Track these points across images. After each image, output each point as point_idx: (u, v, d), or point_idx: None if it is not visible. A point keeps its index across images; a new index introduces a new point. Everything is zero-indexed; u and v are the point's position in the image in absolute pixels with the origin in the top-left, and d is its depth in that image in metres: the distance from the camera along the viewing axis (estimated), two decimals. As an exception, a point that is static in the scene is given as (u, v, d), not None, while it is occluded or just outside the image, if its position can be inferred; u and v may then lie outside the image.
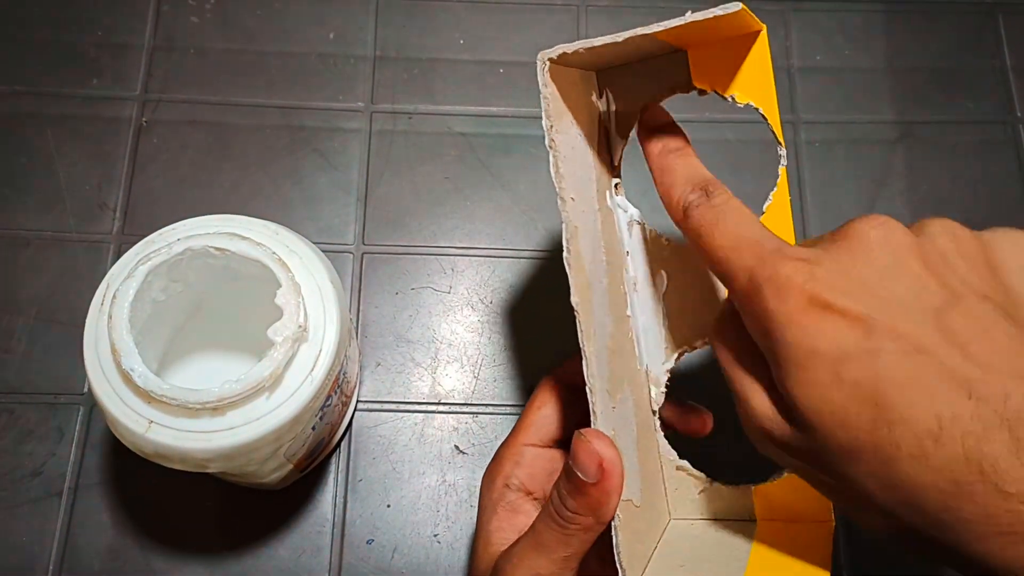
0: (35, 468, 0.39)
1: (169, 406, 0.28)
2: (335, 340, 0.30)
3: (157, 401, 0.28)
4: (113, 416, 0.29)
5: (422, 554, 0.39)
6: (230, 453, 0.29)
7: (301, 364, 0.29)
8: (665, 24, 0.27)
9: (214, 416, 0.28)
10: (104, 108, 0.46)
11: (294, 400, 0.29)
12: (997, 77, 0.49)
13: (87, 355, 0.29)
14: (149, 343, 0.33)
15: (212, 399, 0.28)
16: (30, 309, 0.42)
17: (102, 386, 0.29)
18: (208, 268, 0.31)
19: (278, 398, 0.29)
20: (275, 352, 0.28)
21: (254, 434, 0.28)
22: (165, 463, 0.29)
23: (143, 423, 0.28)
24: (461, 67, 0.48)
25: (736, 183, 0.46)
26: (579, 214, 0.29)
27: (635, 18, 0.49)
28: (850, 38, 0.49)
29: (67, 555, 0.38)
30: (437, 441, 0.41)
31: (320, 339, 0.30)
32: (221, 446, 0.28)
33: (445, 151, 0.46)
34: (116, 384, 0.29)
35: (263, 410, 0.29)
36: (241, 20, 0.48)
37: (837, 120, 0.48)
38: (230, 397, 0.28)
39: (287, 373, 0.29)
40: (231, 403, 0.28)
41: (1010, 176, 0.47)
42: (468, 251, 0.44)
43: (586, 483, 0.26)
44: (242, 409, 0.28)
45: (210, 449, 0.28)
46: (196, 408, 0.28)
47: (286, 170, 0.45)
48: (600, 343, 0.29)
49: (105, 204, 0.44)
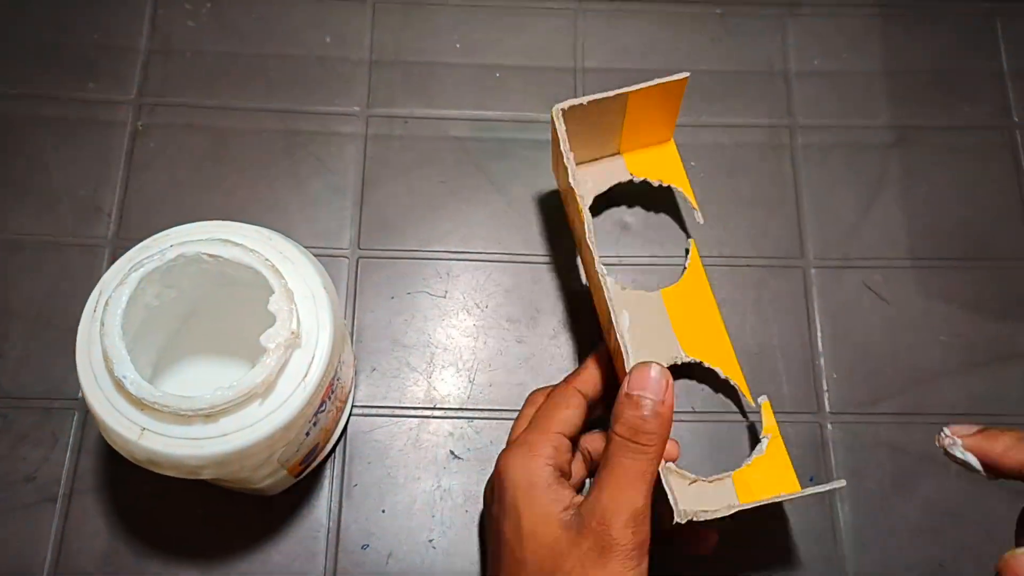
0: (29, 473, 0.39)
1: (161, 413, 0.28)
2: (328, 346, 0.30)
3: (149, 408, 0.28)
4: (105, 423, 0.29)
5: (417, 560, 0.39)
6: (223, 460, 0.29)
7: (294, 371, 0.29)
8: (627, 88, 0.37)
9: (207, 423, 0.28)
10: (100, 111, 0.46)
11: (287, 407, 0.29)
12: (994, 81, 0.49)
13: (80, 361, 0.29)
14: (142, 349, 0.33)
15: (205, 406, 0.28)
16: (25, 313, 0.42)
17: (94, 393, 0.29)
18: (202, 273, 0.31)
19: (271, 405, 0.29)
20: (268, 359, 0.28)
21: (247, 441, 0.28)
22: (157, 470, 0.29)
23: (135, 430, 0.28)
24: (457, 71, 0.48)
25: (733, 187, 0.46)
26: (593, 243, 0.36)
27: (631, 21, 0.49)
28: (847, 42, 0.49)
29: (61, 560, 0.38)
30: (432, 446, 0.41)
31: (313, 345, 0.30)
32: (214, 453, 0.28)
33: (441, 155, 0.46)
34: (108, 391, 0.28)
35: (256, 417, 0.29)
36: (237, 24, 0.48)
37: (834, 124, 0.48)
38: (222, 404, 0.28)
39: (280, 380, 0.29)
40: (223, 410, 0.28)
41: (1007, 180, 0.47)
42: (464, 255, 0.44)
43: (657, 403, 0.30)
44: (235, 416, 0.28)
45: (203, 456, 0.28)
46: (188, 415, 0.28)
47: (282, 174, 0.45)
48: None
49: (101, 208, 0.44)
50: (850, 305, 0.43)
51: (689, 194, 0.42)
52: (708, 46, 0.49)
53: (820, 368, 0.42)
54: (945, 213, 0.46)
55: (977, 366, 0.43)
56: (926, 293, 0.44)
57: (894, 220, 0.46)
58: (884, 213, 0.46)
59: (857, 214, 0.46)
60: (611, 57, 0.48)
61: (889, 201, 0.46)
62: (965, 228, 0.46)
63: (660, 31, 0.49)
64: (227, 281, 0.32)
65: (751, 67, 0.48)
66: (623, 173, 0.43)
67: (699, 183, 0.45)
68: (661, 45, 0.49)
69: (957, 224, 0.46)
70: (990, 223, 0.46)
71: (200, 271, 0.31)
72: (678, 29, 0.49)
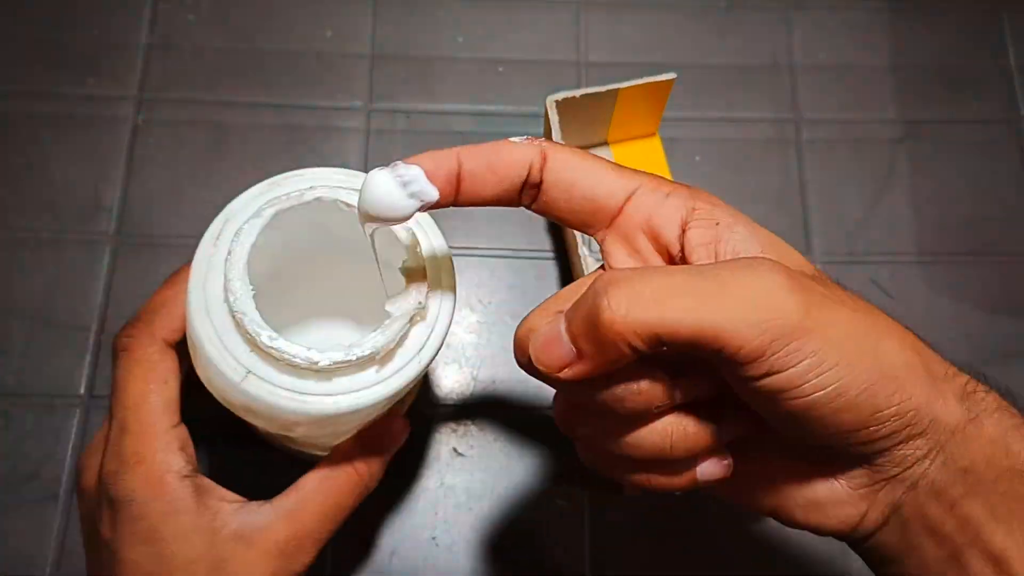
0: (32, 470, 0.39)
1: (273, 359, 0.26)
2: (446, 324, 0.29)
3: (262, 352, 0.26)
4: (209, 359, 0.27)
5: (420, 557, 0.39)
6: (323, 420, 0.27)
7: (412, 343, 0.28)
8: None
9: (319, 379, 0.27)
10: (101, 107, 0.45)
11: (399, 376, 0.28)
12: (1001, 75, 0.48)
13: (192, 292, 0.27)
14: None
15: (325, 361, 0.26)
16: (27, 310, 0.41)
17: (204, 327, 0.27)
18: (310, 227, 0.30)
19: (385, 372, 0.27)
20: (391, 325, 0.27)
21: (354, 404, 0.27)
22: (250, 418, 0.28)
23: (241, 371, 0.26)
24: (459, 65, 0.47)
25: (738, 182, 0.46)
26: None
27: (634, 15, 0.49)
28: (853, 36, 0.49)
29: (64, 557, 0.38)
30: (435, 443, 0.41)
31: (434, 320, 0.29)
32: (318, 411, 0.27)
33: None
34: (220, 326, 0.27)
35: (368, 382, 0.27)
36: (238, 19, 0.48)
37: (840, 119, 0.47)
38: (343, 363, 0.26)
39: (398, 350, 0.28)
40: (341, 369, 0.27)
41: (1013, 174, 0.46)
42: (467, 252, 0.44)
43: None
44: (348, 378, 0.27)
45: (305, 412, 0.27)
46: (304, 367, 0.26)
47: (284, 169, 0.44)
48: None
49: (101, 204, 0.44)
50: (856, 301, 0.43)
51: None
52: (712, 40, 0.48)
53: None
54: (952, 208, 0.46)
55: (985, 362, 0.42)
56: (933, 289, 0.44)
57: (900, 215, 0.45)
58: (890, 208, 0.45)
59: (863, 209, 0.45)
60: (614, 51, 0.48)
61: (895, 196, 0.46)
62: (972, 223, 0.45)
63: (663, 25, 0.49)
64: (328, 243, 0.30)
65: (756, 61, 0.48)
66: None
67: (704, 178, 0.45)
68: (664, 39, 0.48)
69: (964, 219, 0.46)
70: (997, 218, 0.46)
71: (310, 224, 0.29)
72: (682, 23, 0.49)
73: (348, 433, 0.31)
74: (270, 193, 0.29)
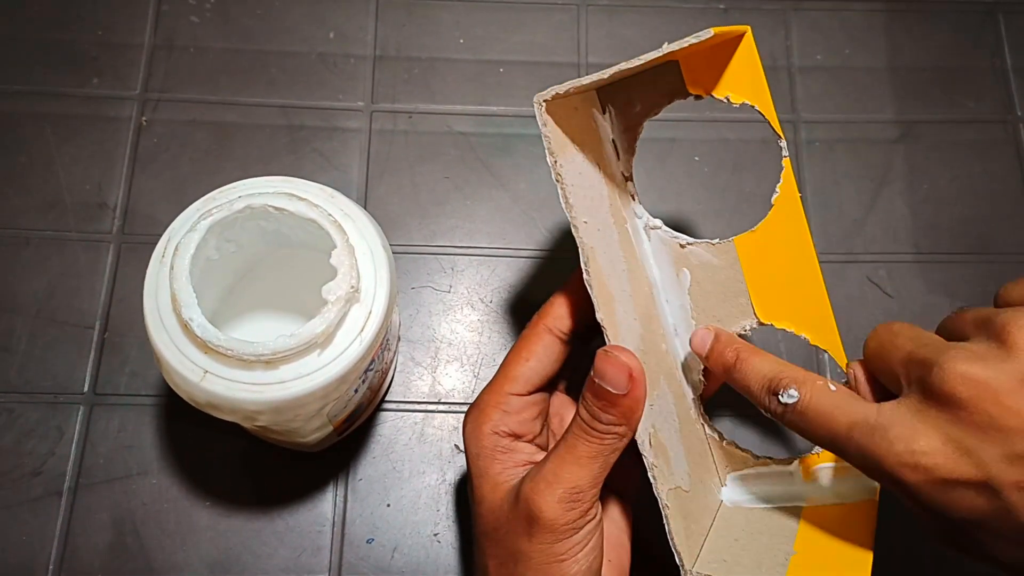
0: (35, 467, 0.39)
1: (224, 357, 0.29)
2: (385, 303, 0.31)
3: (213, 351, 0.29)
4: (169, 364, 0.29)
5: (422, 553, 0.39)
6: (279, 406, 0.29)
7: (351, 325, 0.30)
8: (644, 57, 0.30)
9: (267, 369, 0.29)
10: (104, 107, 0.46)
11: (343, 358, 0.30)
12: (997, 76, 0.49)
13: (147, 304, 0.30)
14: (200, 300, 0.33)
15: (267, 352, 0.28)
16: (30, 308, 0.42)
17: (160, 335, 0.29)
18: (260, 231, 0.32)
19: (328, 356, 0.30)
20: (328, 310, 0.29)
21: (303, 389, 0.29)
22: (216, 413, 0.30)
23: (198, 372, 0.29)
24: (461, 66, 0.48)
25: (738, 182, 0.46)
26: (594, 233, 0.30)
27: (635, 16, 0.49)
28: (851, 37, 0.49)
29: (67, 554, 0.38)
30: (437, 440, 0.41)
31: (371, 301, 0.31)
32: (272, 398, 0.29)
33: (445, 150, 0.46)
34: (174, 333, 0.29)
35: (313, 366, 0.29)
36: (241, 19, 0.48)
37: (837, 119, 0.48)
38: (283, 351, 0.28)
39: (338, 332, 0.30)
40: (284, 357, 0.29)
41: (1010, 175, 0.47)
42: (468, 250, 0.44)
43: (618, 395, 0.28)
44: (294, 364, 0.29)
45: (261, 401, 0.29)
46: (250, 360, 0.28)
47: (286, 169, 0.45)
48: (631, 347, 0.30)
49: (105, 203, 0.44)
50: (854, 300, 0.44)
51: (772, 117, 0.34)
52: (711, 41, 0.49)
53: (824, 363, 0.42)
54: (949, 208, 0.46)
55: (981, 360, 0.43)
56: (930, 288, 0.44)
57: (898, 215, 0.46)
58: (888, 208, 0.46)
59: (861, 209, 0.46)
60: (614, 52, 0.48)
61: (893, 196, 0.46)
62: (969, 223, 0.46)
63: (663, 26, 0.49)
64: (283, 242, 0.32)
65: (754, 62, 0.48)
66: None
67: (703, 177, 0.45)
68: (664, 40, 0.48)
69: (961, 219, 0.46)
70: (994, 218, 0.46)
71: (259, 228, 0.32)
72: (681, 24, 0.49)
73: (317, 417, 0.33)
74: (205, 207, 0.32)
